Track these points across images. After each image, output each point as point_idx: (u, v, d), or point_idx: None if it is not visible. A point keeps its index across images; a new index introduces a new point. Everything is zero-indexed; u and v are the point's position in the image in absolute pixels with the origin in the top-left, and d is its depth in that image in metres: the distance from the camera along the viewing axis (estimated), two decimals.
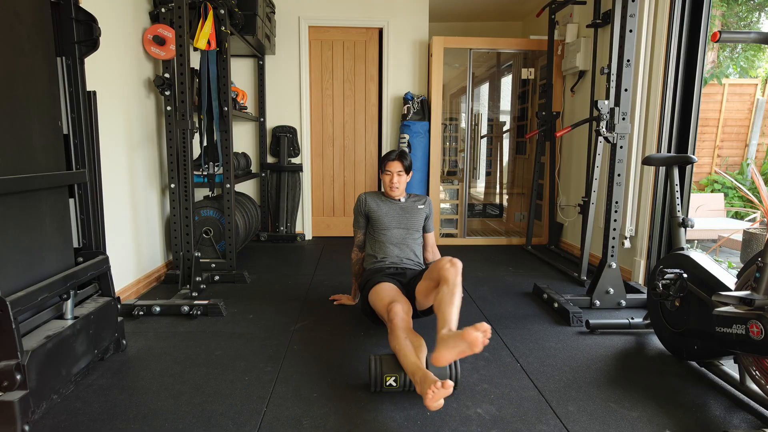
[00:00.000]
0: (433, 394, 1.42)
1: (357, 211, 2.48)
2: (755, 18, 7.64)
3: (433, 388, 1.42)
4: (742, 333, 1.43)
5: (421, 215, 2.46)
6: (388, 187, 2.40)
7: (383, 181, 2.42)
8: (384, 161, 2.39)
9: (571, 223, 3.97)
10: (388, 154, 2.40)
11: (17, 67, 1.55)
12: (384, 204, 2.44)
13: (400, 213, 2.42)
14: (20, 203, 1.56)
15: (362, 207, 2.45)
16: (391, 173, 2.37)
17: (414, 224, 2.44)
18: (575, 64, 3.62)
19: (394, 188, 2.39)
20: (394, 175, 2.37)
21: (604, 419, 1.54)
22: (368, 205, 2.44)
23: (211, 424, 1.49)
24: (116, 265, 2.52)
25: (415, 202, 2.47)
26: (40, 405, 1.49)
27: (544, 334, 2.24)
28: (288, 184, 4.28)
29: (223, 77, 3.08)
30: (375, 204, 2.44)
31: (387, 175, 2.39)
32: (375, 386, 1.67)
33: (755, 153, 6.36)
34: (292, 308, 2.55)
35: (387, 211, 2.42)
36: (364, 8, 4.18)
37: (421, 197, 2.51)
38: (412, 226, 2.43)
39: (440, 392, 1.42)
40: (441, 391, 1.42)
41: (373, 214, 2.42)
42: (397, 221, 2.41)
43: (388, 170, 2.38)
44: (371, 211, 2.43)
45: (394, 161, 2.37)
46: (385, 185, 2.42)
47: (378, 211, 2.42)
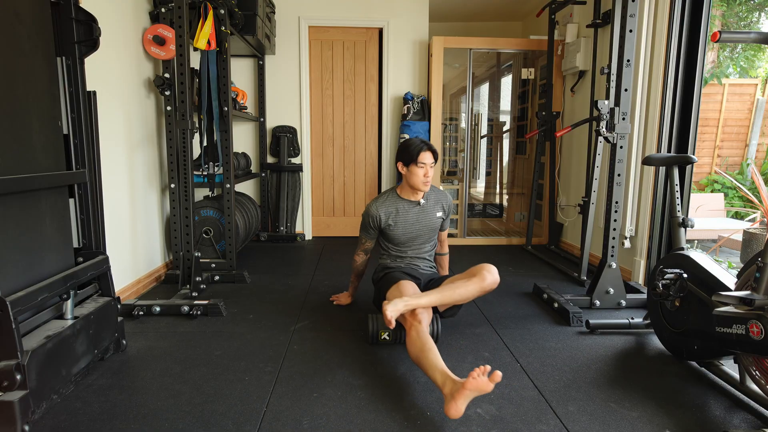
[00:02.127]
0: (477, 378, 1.40)
1: (368, 224, 2.29)
2: (755, 18, 7.64)
3: (477, 372, 1.41)
4: (742, 333, 1.43)
5: (438, 222, 2.33)
6: (422, 183, 2.17)
7: (416, 175, 2.16)
8: (415, 152, 2.13)
9: (571, 223, 3.97)
10: (419, 144, 2.15)
11: (17, 67, 1.55)
12: (401, 214, 2.25)
13: (417, 223, 2.27)
14: (20, 203, 1.56)
15: (376, 222, 2.27)
16: (425, 165, 2.14)
17: (432, 234, 2.33)
18: (575, 64, 3.62)
19: (428, 183, 2.19)
20: (428, 167, 2.15)
21: (604, 419, 1.54)
22: (382, 221, 2.25)
23: (211, 424, 1.49)
24: (116, 265, 2.52)
25: (434, 206, 2.30)
26: (40, 405, 1.49)
27: (544, 334, 2.24)
28: (288, 184, 4.28)
29: (223, 77, 3.08)
30: (390, 218, 2.25)
31: (421, 168, 2.15)
32: (372, 340, 2.03)
33: (755, 153, 6.36)
34: (292, 308, 2.55)
35: (404, 227, 2.25)
36: (364, 8, 4.18)
37: (441, 198, 2.34)
38: (429, 238, 2.33)
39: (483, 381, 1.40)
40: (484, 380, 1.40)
41: (390, 232, 2.27)
42: (415, 234, 2.27)
43: (422, 162, 2.14)
44: (387, 227, 2.26)
45: (427, 151, 2.14)
46: (417, 180, 2.17)
47: (395, 228, 2.25)
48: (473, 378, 1.41)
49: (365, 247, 2.40)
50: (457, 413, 1.42)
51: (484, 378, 1.41)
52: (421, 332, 1.76)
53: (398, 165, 2.24)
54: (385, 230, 2.28)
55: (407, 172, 2.20)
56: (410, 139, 2.22)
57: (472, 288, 2.02)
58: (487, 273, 2.04)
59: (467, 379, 1.42)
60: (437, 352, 1.64)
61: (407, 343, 1.76)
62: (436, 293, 1.97)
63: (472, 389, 1.41)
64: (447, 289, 1.99)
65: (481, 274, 2.03)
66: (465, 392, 1.41)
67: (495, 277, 2.05)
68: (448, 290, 1.99)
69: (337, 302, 2.59)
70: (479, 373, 1.42)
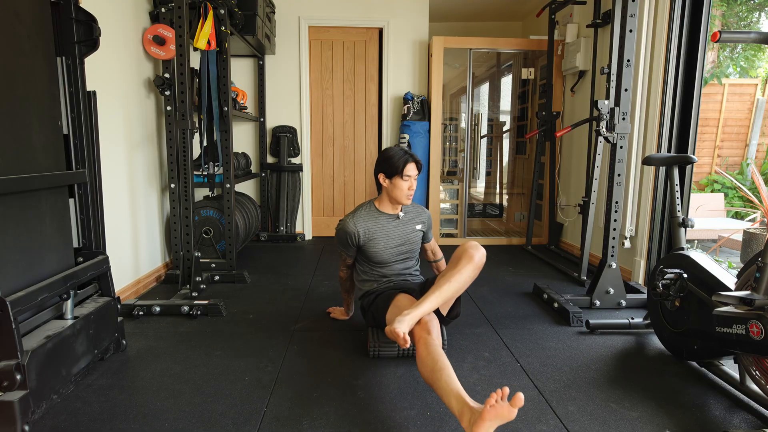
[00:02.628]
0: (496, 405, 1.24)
1: (345, 242, 2.09)
2: (755, 18, 7.64)
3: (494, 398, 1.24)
4: (742, 333, 1.43)
5: (419, 236, 2.20)
6: (405, 196, 2.06)
7: (399, 188, 2.05)
8: (400, 164, 2.02)
9: (571, 223, 3.97)
10: (403, 155, 2.04)
11: (17, 67, 1.55)
12: (380, 228, 2.10)
13: (399, 237, 2.13)
14: (20, 203, 1.56)
15: (354, 240, 2.07)
16: (410, 178, 2.04)
17: (413, 248, 2.19)
18: (575, 64, 3.62)
19: (411, 196, 2.09)
20: (412, 179, 2.05)
21: (604, 419, 1.54)
22: (361, 237, 2.07)
23: (211, 424, 1.49)
24: (116, 265, 2.52)
25: (413, 219, 2.18)
26: (40, 405, 1.49)
27: (544, 334, 2.24)
28: (288, 184, 4.28)
29: (223, 77, 3.08)
30: (369, 234, 2.08)
31: (406, 181, 2.04)
32: (374, 353, 1.96)
33: (755, 153, 6.36)
34: (292, 308, 2.55)
35: (385, 242, 2.10)
36: (364, 8, 4.18)
37: (419, 212, 2.22)
38: (411, 253, 2.19)
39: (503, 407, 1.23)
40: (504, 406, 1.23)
41: (370, 249, 2.09)
42: (398, 249, 2.13)
43: (407, 175, 2.03)
44: (367, 244, 2.09)
45: (412, 163, 2.05)
46: (401, 193, 2.06)
47: (376, 244, 2.09)
48: (491, 406, 1.24)
49: (347, 263, 2.22)
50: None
51: (504, 403, 1.24)
52: (431, 347, 1.58)
53: (379, 176, 2.07)
54: (365, 248, 2.09)
55: (389, 185, 2.06)
56: (391, 149, 2.08)
57: (465, 271, 1.85)
58: (472, 249, 1.89)
59: (484, 408, 1.25)
60: (451, 371, 1.46)
61: (417, 361, 1.58)
62: (434, 293, 1.80)
63: (491, 419, 1.24)
64: (443, 284, 1.82)
65: (468, 254, 1.88)
66: (485, 423, 1.24)
67: (481, 250, 1.90)
68: (444, 284, 1.82)
69: (334, 315, 2.43)
70: (497, 399, 1.25)
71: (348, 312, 2.40)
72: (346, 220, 2.09)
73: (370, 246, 2.08)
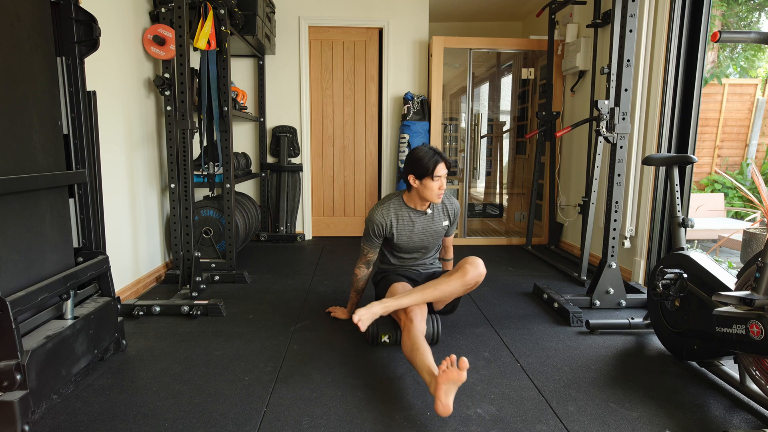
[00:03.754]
0: (447, 370, 1.43)
1: (372, 233, 2.16)
2: (755, 18, 7.64)
3: (445, 364, 1.45)
4: (742, 333, 1.43)
5: (443, 231, 2.25)
6: (437, 196, 2.07)
7: (430, 189, 2.06)
8: (431, 165, 2.02)
9: (571, 223, 3.97)
10: (433, 156, 2.03)
11: (17, 67, 1.55)
12: (405, 223, 2.16)
13: (424, 232, 2.19)
14: (20, 203, 1.56)
15: (381, 230, 2.15)
16: (440, 178, 2.05)
17: (437, 242, 2.26)
18: (575, 64, 3.62)
19: (442, 195, 2.10)
20: (443, 179, 2.06)
21: (604, 419, 1.54)
22: (387, 229, 2.14)
23: (211, 424, 1.49)
24: (116, 265, 2.52)
25: (440, 215, 2.22)
26: (40, 405, 1.49)
27: (544, 334, 2.24)
28: (288, 184, 4.28)
29: (223, 77, 3.08)
30: (398, 227, 2.15)
31: (436, 182, 2.05)
32: (372, 341, 2.05)
33: (755, 153, 6.36)
34: (292, 308, 2.55)
35: (408, 237, 2.17)
36: (364, 8, 4.18)
37: (448, 205, 2.24)
38: (434, 245, 2.26)
39: (453, 371, 1.43)
40: (453, 370, 1.43)
41: (396, 240, 2.17)
42: (419, 244, 2.21)
43: (438, 176, 2.04)
44: (395, 236, 2.16)
45: (442, 163, 2.04)
46: (432, 194, 2.07)
47: (399, 238, 2.16)
48: (443, 371, 1.45)
49: (367, 258, 2.24)
50: (444, 410, 1.42)
51: (453, 368, 1.44)
52: (411, 332, 1.77)
53: (409, 178, 2.08)
54: (389, 239, 2.19)
55: (420, 186, 2.07)
56: (419, 149, 2.08)
57: (454, 284, 1.99)
58: (470, 266, 1.98)
59: (438, 374, 1.46)
60: (426, 351, 1.65)
61: (401, 344, 1.79)
62: (417, 293, 1.96)
63: (445, 382, 1.43)
64: (429, 287, 1.97)
65: (463, 269, 1.99)
66: (441, 387, 1.44)
67: (478, 270, 1.99)
68: (429, 288, 1.97)
69: (334, 315, 2.42)
70: (447, 365, 1.45)
71: (350, 312, 2.38)
72: (374, 211, 2.16)
73: (393, 238, 2.18)
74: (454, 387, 1.45)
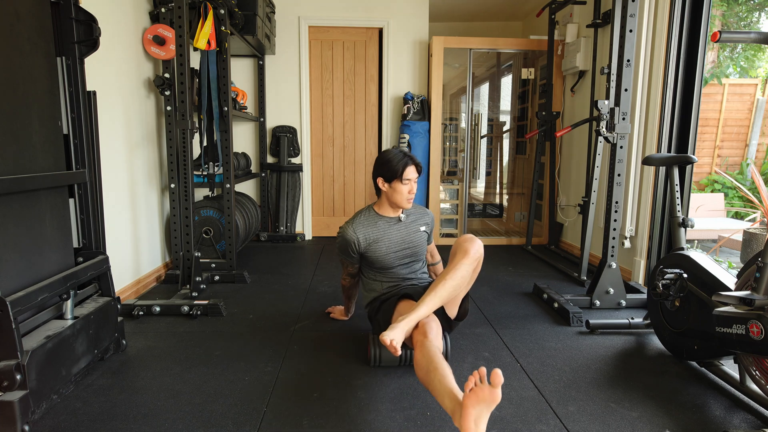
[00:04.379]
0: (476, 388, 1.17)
1: (346, 250, 2.03)
2: (755, 18, 7.63)
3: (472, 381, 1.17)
4: (742, 333, 1.43)
5: (423, 237, 2.11)
6: (406, 200, 2.00)
7: (399, 192, 1.98)
8: (399, 167, 1.95)
9: (571, 223, 3.97)
10: (402, 158, 1.97)
11: (17, 67, 1.55)
12: (382, 232, 2.03)
13: (402, 240, 2.05)
14: (20, 203, 1.56)
15: (354, 247, 2.01)
16: (410, 181, 1.98)
17: (419, 250, 2.09)
18: (575, 64, 3.62)
19: (412, 199, 2.02)
20: (413, 182, 1.99)
21: (604, 419, 1.54)
22: (362, 245, 2.01)
23: (211, 424, 1.49)
24: (116, 265, 2.52)
25: (416, 221, 2.11)
26: (40, 405, 1.49)
27: (544, 334, 2.24)
28: (288, 184, 4.28)
29: (223, 77, 3.08)
30: (369, 239, 2.02)
31: (406, 185, 1.97)
32: (375, 361, 1.88)
33: (755, 153, 6.36)
34: (292, 308, 2.55)
35: (388, 245, 2.02)
36: (364, 8, 4.18)
37: (422, 213, 2.15)
38: (416, 254, 2.09)
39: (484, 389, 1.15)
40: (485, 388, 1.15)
41: (373, 255, 2.02)
42: (402, 250, 2.05)
43: (407, 179, 1.97)
44: (367, 251, 2.02)
45: (412, 165, 1.98)
46: (401, 198, 1.99)
47: (378, 249, 2.01)
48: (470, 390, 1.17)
49: (350, 271, 2.15)
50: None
51: (484, 385, 1.17)
52: (426, 348, 1.51)
53: (378, 181, 2.01)
54: (367, 254, 2.03)
55: (389, 189, 1.99)
56: (388, 152, 2.01)
57: (462, 267, 1.76)
58: (466, 243, 1.81)
59: (464, 396, 1.18)
60: (446, 371, 1.37)
61: (414, 364, 1.51)
62: (429, 296, 1.71)
63: (474, 405, 1.16)
64: (438, 284, 1.73)
65: (462, 248, 1.80)
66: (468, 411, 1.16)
67: (476, 243, 1.82)
68: (440, 284, 1.73)
69: (333, 316, 2.41)
70: (476, 381, 1.18)
71: (347, 313, 2.39)
72: (345, 227, 2.03)
73: (371, 251, 2.02)
74: (487, 411, 1.17)
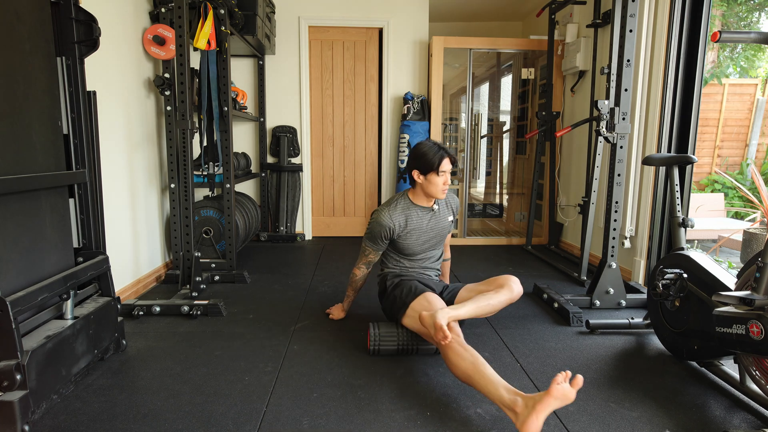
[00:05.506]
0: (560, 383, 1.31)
1: (378, 235, 2.08)
2: (755, 18, 7.63)
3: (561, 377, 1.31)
4: (742, 333, 1.43)
5: (450, 227, 2.23)
6: (441, 191, 2.04)
7: (434, 184, 2.02)
8: (436, 160, 1.99)
9: (571, 223, 3.96)
10: (438, 151, 2.00)
11: (17, 67, 1.55)
12: (415, 222, 2.10)
13: (431, 230, 2.14)
14: (20, 203, 1.56)
15: (388, 233, 2.07)
16: (445, 173, 2.02)
17: (443, 239, 2.22)
18: (575, 64, 3.62)
19: (446, 190, 2.08)
20: (447, 174, 2.03)
21: (604, 419, 1.54)
22: (396, 231, 2.07)
23: (211, 424, 1.49)
24: (116, 265, 2.52)
25: (446, 210, 2.20)
26: (40, 405, 1.49)
27: (544, 334, 2.24)
28: (288, 184, 4.28)
29: (223, 77, 3.08)
30: (408, 227, 2.09)
31: (441, 177, 2.02)
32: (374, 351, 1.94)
33: (755, 153, 6.36)
34: (292, 308, 2.55)
35: (418, 235, 2.11)
36: (364, 8, 4.18)
37: (450, 200, 2.23)
38: (440, 243, 2.22)
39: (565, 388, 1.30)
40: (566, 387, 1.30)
41: (402, 242, 2.11)
42: (429, 243, 2.15)
43: (443, 171, 2.01)
44: (400, 237, 2.10)
45: (447, 158, 2.01)
46: (437, 189, 2.03)
47: (408, 237, 2.10)
48: (558, 383, 1.30)
49: (368, 260, 2.19)
50: (537, 429, 1.29)
51: (566, 385, 1.31)
52: (464, 348, 1.61)
53: (414, 173, 2.06)
54: (397, 241, 2.11)
55: (424, 181, 2.04)
56: (424, 144, 2.04)
57: (503, 299, 1.94)
58: (514, 285, 1.99)
59: (551, 386, 1.31)
60: (492, 370, 1.51)
61: (451, 362, 1.60)
62: (472, 304, 1.86)
63: (558, 397, 1.29)
64: (482, 301, 1.89)
65: (509, 286, 1.98)
66: (549, 401, 1.29)
67: (519, 287, 2.00)
68: (483, 301, 1.89)
69: (332, 316, 2.40)
70: (563, 379, 1.32)
71: (345, 309, 2.40)
72: (381, 212, 2.07)
73: (402, 239, 2.10)
74: (558, 406, 1.32)
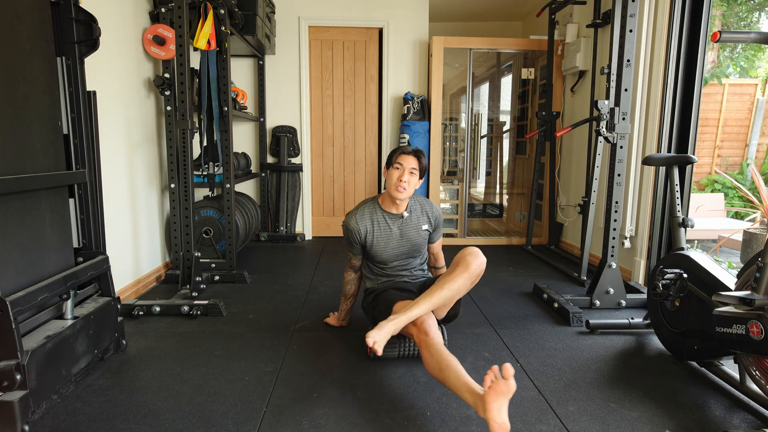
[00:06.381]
0: (493, 383, 1.33)
1: (350, 240, 2.06)
2: (755, 18, 7.63)
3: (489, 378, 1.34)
4: (742, 333, 1.43)
5: (425, 236, 2.10)
6: (395, 186, 1.94)
7: (390, 177, 1.97)
8: (396, 153, 1.98)
9: (571, 223, 3.96)
10: (404, 148, 2.01)
11: (17, 67, 1.55)
12: (380, 229, 2.03)
13: (401, 237, 2.04)
14: (20, 203, 1.56)
15: (356, 237, 2.03)
16: (401, 168, 1.95)
17: (417, 248, 2.09)
18: (575, 64, 3.62)
19: (401, 187, 1.94)
20: (406, 171, 1.95)
21: (604, 419, 1.54)
22: (361, 236, 2.03)
23: (211, 424, 1.49)
24: (116, 265, 2.52)
25: (419, 218, 2.08)
26: (40, 405, 1.49)
27: (544, 334, 2.24)
28: (288, 184, 4.28)
29: (223, 77, 3.08)
30: (374, 232, 2.03)
31: (396, 170, 1.95)
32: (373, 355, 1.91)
33: (755, 153, 6.36)
34: (292, 308, 2.55)
35: (384, 243, 2.03)
36: (364, 8, 4.18)
37: (427, 209, 2.12)
38: (414, 252, 2.09)
39: (500, 383, 1.32)
40: (500, 382, 1.32)
41: (370, 249, 2.05)
42: (399, 249, 2.05)
43: (399, 163, 1.95)
44: (371, 242, 2.04)
45: (409, 155, 1.97)
46: (391, 182, 1.96)
47: (377, 244, 2.03)
48: (489, 387, 1.34)
49: (352, 263, 2.16)
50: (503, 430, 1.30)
51: (499, 380, 1.33)
52: (432, 347, 1.59)
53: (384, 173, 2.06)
54: (367, 247, 2.06)
55: (386, 176, 2.01)
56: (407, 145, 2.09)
57: (460, 280, 1.81)
58: (470, 257, 1.83)
59: (485, 392, 1.34)
60: (458, 367, 1.50)
61: (424, 363, 1.62)
62: (425, 299, 1.77)
63: (495, 399, 1.32)
64: (435, 290, 1.79)
65: (465, 261, 1.83)
66: (491, 405, 1.32)
67: (479, 258, 1.84)
68: (436, 292, 1.78)
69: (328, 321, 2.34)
70: (492, 378, 1.35)
71: (341, 318, 2.28)
72: (349, 216, 2.05)
73: (370, 245, 2.04)
74: (506, 401, 1.33)
